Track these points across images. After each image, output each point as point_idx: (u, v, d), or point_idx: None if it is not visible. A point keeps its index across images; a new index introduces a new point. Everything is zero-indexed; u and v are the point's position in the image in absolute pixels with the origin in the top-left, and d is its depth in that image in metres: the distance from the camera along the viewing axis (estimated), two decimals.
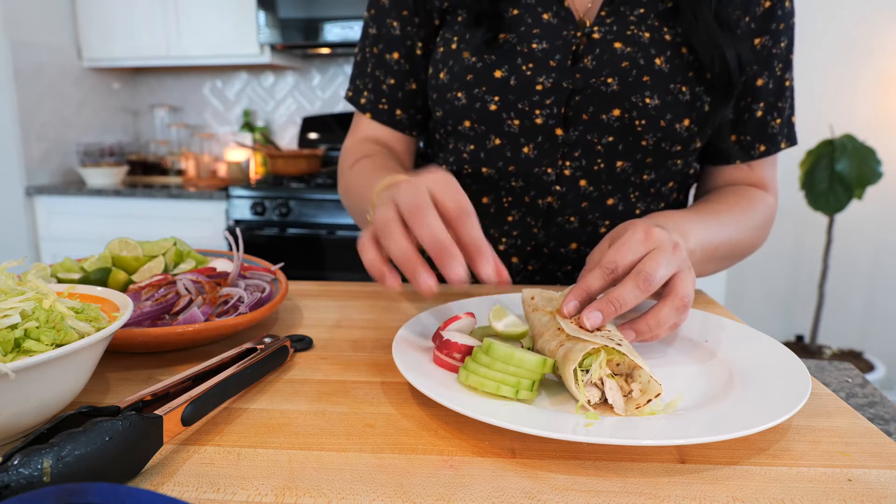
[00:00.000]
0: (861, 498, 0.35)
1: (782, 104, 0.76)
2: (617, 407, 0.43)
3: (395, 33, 0.82)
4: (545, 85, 0.72)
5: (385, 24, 0.82)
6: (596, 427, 0.40)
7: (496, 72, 0.73)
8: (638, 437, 0.38)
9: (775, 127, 0.77)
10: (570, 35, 0.73)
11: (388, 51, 0.83)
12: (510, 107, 0.73)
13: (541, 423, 0.39)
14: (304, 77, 3.01)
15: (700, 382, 0.49)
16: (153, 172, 2.93)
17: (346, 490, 0.35)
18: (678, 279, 0.51)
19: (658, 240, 0.51)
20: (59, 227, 2.62)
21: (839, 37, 2.46)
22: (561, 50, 0.72)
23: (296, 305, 0.70)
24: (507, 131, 0.75)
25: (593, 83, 0.72)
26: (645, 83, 0.70)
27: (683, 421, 0.41)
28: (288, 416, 0.44)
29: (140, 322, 0.55)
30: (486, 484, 0.36)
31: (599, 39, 0.72)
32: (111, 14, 2.71)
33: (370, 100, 0.85)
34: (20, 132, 2.51)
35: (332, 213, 2.39)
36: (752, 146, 0.78)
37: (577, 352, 0.44)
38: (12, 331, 0.40)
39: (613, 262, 0.50)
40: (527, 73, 0.72)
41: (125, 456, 0.35)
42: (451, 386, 0.45)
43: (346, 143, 0.88)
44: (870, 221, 2.55)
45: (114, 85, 3.01)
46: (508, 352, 0.44)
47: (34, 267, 0.59)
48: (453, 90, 0.76)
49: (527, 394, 0.44)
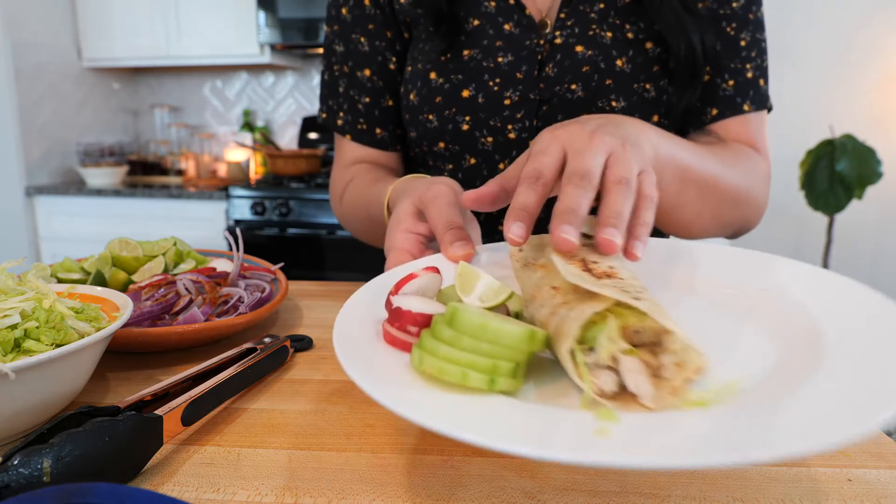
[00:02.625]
0: (861, 498, 0.35)
1: (736, 65, 0.72)
2: (643, 396, 0.29)
3: (363, 49, 0.78)
4: (513, 99, 0.71)
5: (351, 40, 0.79)
6: (614, 434, 0.26)
7: (464, 91, 0.72)
8: (683, 453, 0.24)
9: (727, 89, 0.72)
10: (533, 44, 0.71)
11: (359, 68, 0.79)
12: (482, 125, 0.72)
13: (524, 433, 0.28)
14: (304, 77, 3.01)
15: (770, 355, 0.34)
16: (153, 172, 2.93)
17: (346, 490, 0.35)
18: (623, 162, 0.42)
19: (591, 133, 0.43)
20: (59, 227, 2.62)
21: (839, 37, 2.46)
22: (526, 60, 0.71)
23: (296, 305, 0.70)
24: (481, 149, 0.74)
25: (558, 91, 0.70)
26: (608, 87, 0.69)
27: (754, 420, 0.27)
28: (288, 416, 0.44)
29: (140, 322, 0.55)
30: (486, 484, 0.36)
31: (561, 44, 0.71)
32: (111, 14, 2.71)
33: (347, 121, 0.81)
34: (20, 132, 2.51)
35: (332, 213, 2.39)
36: (702, 111, 0.73)
37: (572, 320, 0.31)
38: (12, 331, 0.40)
39: (536, 169, 0.43)
40: (494, 88, 0.71)
41: (125, 456, 0.35)
42: (404, 374, 0.33)
43: (333, 174, 0.85)
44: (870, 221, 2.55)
45: (114, 85, 3.01)
46: (480, 321, 0.31)
47: (34, 267, 0.59)
48: (424, 112, 0.74)
49: (507, 383, 0.31)
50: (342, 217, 0.83)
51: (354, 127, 0.81)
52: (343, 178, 0.81)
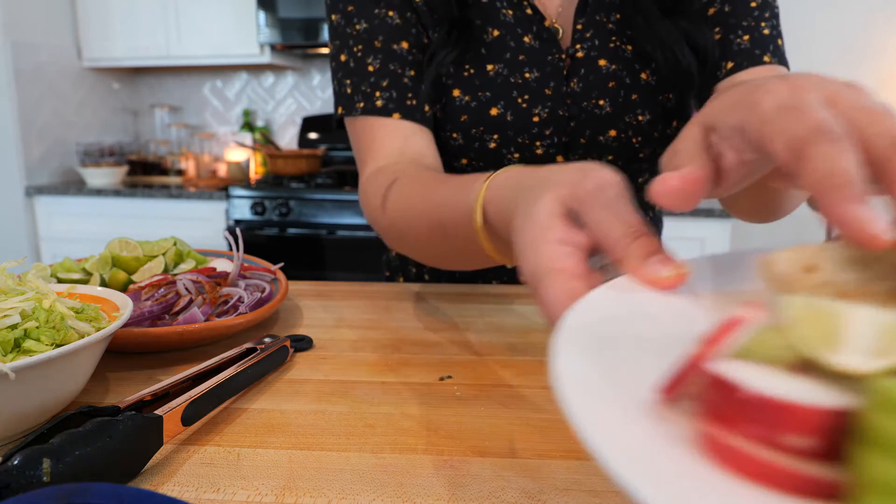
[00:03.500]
0: None
1: (748, 23, 0.68)
2: None
3: (394, 22, 0.68)
4: (542, 116, 0.69)
5: (375, 15, 0.68)
6: None
7: (492, 109, 0.68)
8: None
9: (742, 43, 0.67)
10: (555, 59, 0.69)
11: (394, 41, 0.68)
12: (510, 142, 0.70)
13: None
14: (304, 77, 3.01)
15: None
16: (153, 172, 2.93)
17: (346, 490, 0.35)
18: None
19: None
20: (59, 227, 2.62)
21: (839, 37, 2.46)
22: (552, 76, 0.69)
23: (296, 305, 0.70)
24: (507, 165, 0.71)
25: (586, 107, 0.69)
26: (635, 101, 0.69)
27: None
28: (288, 416, 0.44)
29: (140, 322, 0.55)
30: (486, 484, 0.36)
31: (583, 58, 0.69)
32: (111, 14, 2.71)
33: (391, 98, 0.66)
34: (20, 132, 2.51)
35: (332, 213, 2.39)
36: (717, 66, 0.69)
37: None
38: (12, 331, 0.40)
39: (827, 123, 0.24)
40: (522, 105, 0.68)
41: (125, 456, 0.35)
42: None
43: (365, 175, 0.67)
44: None
45: (114, 85, 3.01)
46: None
47: (34, 267, 0.59)
48: (447, 130, 0.71)
49: None
50: (389, 228, 0.62)
51: (403, 103, 0.67)
52: (383, 178, 0.62)
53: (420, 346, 0.58)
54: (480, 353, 0.56)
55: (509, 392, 0.48)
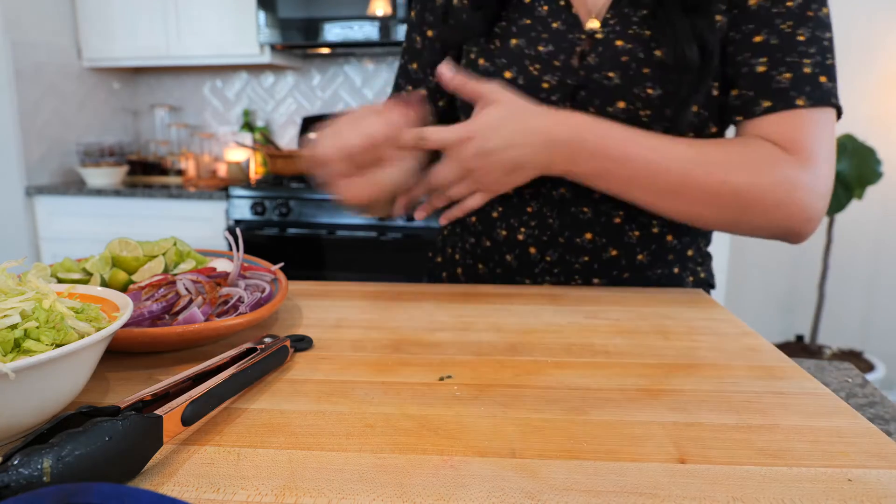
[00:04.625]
0: (861, 498, 0.35)
1: (793, 59, 0.70)
2: None
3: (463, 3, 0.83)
4: (551, 83, 0.76)
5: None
6: None
7: (506, 72, 0.78)
8: None
9: (783, 81, 0.70)
10: (575, 38, 0.76)
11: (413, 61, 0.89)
12: None
13: None
14: (304, 77, 3.01)
15: None
16: (153, 172, 2.93)
17: (346, 490, 0.35)
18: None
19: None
20: (59, 227, 2.62)
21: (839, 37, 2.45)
22: (565, 51, 0.76)
23: (296, 305, 0.70)
24: None
25: (595, 78, 0.74)
26: (646, 75, 0.72)
27: None
28: (288, 416, 0.44)
29: (140, 322, 0.55)
30: (486, 484, 0.36)
31: (602, 39, 0.75)
32: (111, 14, 2.71)
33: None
34: (20, 132, 2.51)
35: (332, 213, 2.39)
36: (754, 101, 0.72)
37: None
38: (12, 331, 0.40)
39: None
40: (533, 72, 0.76)
41: (125, 456, 0.35)
42: None
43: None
44: (870, 221, 2.55)
45: (114, 85, 3.01)
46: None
47: (34, 267, 0.59)
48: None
49: None
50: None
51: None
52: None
53: (420, 346, 0.58)
54: (480, 353, 0.56)
55: (509, 392, 0.48)
